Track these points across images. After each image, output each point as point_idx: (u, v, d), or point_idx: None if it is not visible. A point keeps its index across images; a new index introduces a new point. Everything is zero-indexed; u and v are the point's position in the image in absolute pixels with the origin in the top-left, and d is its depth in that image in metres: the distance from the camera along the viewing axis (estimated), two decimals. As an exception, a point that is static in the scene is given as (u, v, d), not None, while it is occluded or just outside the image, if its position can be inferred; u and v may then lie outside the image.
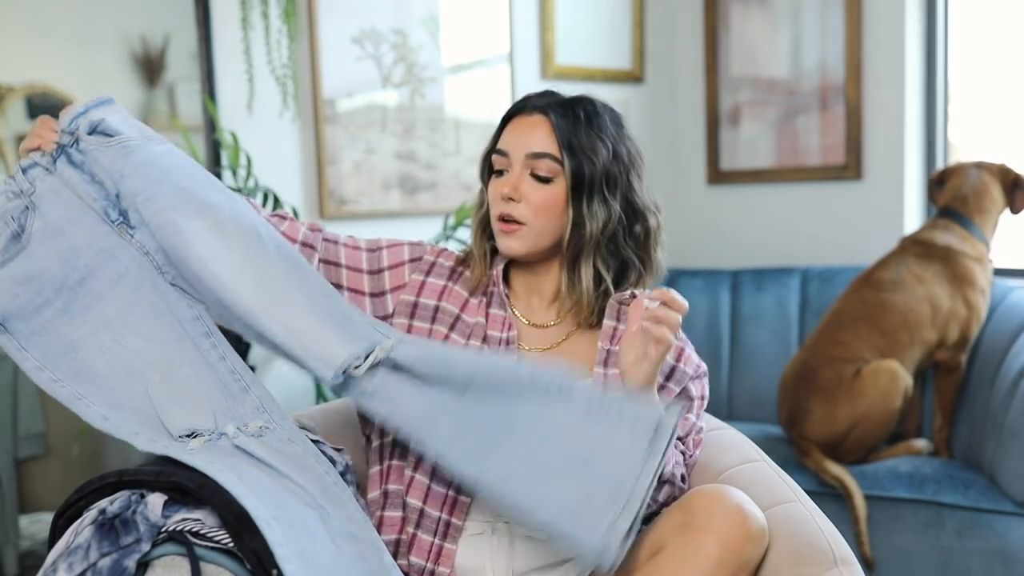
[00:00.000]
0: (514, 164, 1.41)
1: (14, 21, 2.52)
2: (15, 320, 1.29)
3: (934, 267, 2.52)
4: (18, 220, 1.32)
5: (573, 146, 1.38)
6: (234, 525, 1.11)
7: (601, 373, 1.42)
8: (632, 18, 3.36)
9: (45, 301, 1.30)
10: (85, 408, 1.25)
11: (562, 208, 1.39)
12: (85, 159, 1.35)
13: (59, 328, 1.30)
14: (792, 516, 1.30)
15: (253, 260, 1.34)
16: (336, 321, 1.34)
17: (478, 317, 1.45)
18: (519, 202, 1.39)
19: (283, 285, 1.35)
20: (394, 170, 2.88)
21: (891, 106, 3.00)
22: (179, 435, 1.24)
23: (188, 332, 1.34)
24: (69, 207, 1.34)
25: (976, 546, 2.25)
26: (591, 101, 1.44)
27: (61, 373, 1.28)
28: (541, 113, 1.41)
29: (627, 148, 1.43)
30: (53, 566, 1.08)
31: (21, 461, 2.63)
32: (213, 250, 1.32)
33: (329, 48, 2.71)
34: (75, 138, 1.36)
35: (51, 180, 1.34)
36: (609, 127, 1.41)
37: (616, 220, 1.40)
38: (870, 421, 2.43)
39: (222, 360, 1.34)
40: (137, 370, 1.29)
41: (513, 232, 1.41)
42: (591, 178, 1.38)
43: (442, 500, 1.37)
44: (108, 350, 1.30)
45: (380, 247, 1.50)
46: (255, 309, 1.32)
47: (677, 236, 3.42)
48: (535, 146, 1.39)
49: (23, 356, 1.28)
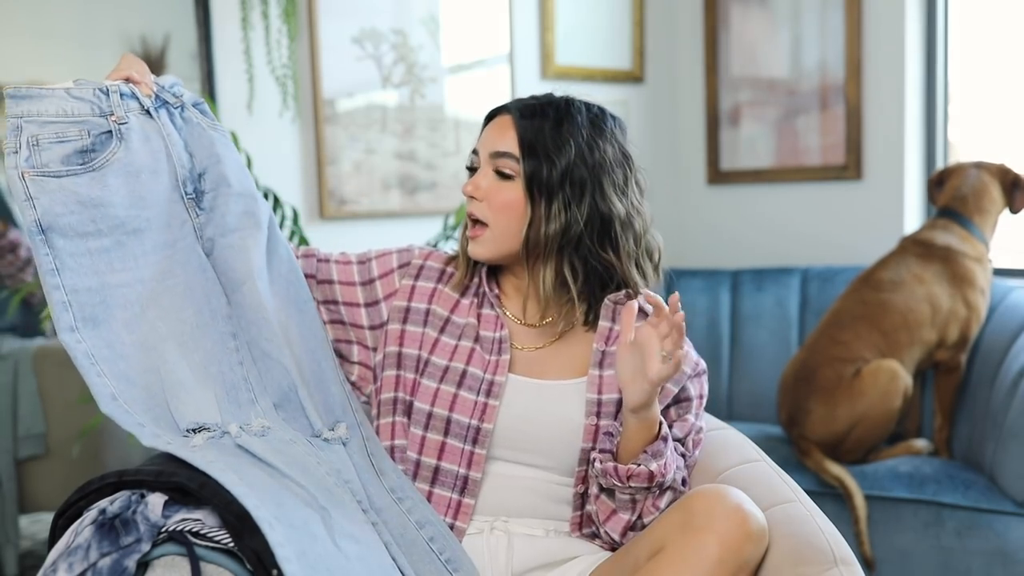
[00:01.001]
0: (482, 163, 1.42)
1: (14, 21, 2.52)
2: (59, 236, 1.23)
3: (934, 267, 2.52)
4: (95, 138, 1.26)
5: (534, 147, 1.37)
6: (234, 525, 1.11)
7: (596, 375, 1.42)
8: (632, 18, 3.36)
9: (97, 231, 1.25)
10: (96, 377, 1.21)
11: (521, 209, 1.39)
12: (186, 127, 1.34)
13: (98, 264, 1.25)
14: (792, 516, 1.30)
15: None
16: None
17: (469, 318, 1.46)
18: (481, 201, 1.40)
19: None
20: (394, 170, 2.88)
21: (891, 106, 3.00)
22: (185, 428, 1.23)
23: (216, 325, 1.32)
24: (155, 157, 1.31)
25: (976, 546, 2.25)
26: (569, 102, 1.41)
27: (81, 315, 1.22)
28: (509, 113, 1.42)
29: (603, 151, 1.39)
30: (53, 566, 1.08)
31: (21, 461, 2.63)
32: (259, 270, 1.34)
33: (329, 48, 2.72)
34: (181, 103, 1.35)
35: (147, 123, 1.31)
36: (582, 129, 1.38)
37: (581, 224, 1.36)
38: (870, 421, 2.43)
39: (240, 365, 1.32)
40: (153, 343, 1.27)
41: (476, 237, 1.42)
42: (549, 180, 1.36)
43: (458, 456, 1.39)
44: (131, 309, 1.27)
45: (369, 258, 1.51)
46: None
47: (677, 236, 3.43)
48: (498, 145, 1.40)
49: (52, 277, 1.21)
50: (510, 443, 1.40)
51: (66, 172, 1.24)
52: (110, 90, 1.30)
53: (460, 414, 1.39)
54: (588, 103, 1.44)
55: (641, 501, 1.35)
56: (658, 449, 1.32)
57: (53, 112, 1.25)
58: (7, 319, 2.76)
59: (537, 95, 1.46)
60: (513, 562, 1.38)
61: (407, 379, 1.44)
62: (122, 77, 1.32)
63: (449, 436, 1.40)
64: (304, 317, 1.42)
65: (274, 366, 1.33)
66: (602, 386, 1.41)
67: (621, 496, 1.35)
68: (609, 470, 1.33)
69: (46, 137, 1.24)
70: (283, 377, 1.33)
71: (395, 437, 1.44)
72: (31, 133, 1.24)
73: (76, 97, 1.27)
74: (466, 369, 1.41)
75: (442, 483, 1.40)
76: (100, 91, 1.29)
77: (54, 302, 1.22)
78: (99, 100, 1.28)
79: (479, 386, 1.40)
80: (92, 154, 1.26)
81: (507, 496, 1.41)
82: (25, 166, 1.22)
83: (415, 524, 1.32)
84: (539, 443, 1.40)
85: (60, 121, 1.25)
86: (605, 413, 1.40)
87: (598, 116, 1.42)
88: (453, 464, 1.40)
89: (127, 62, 1.35)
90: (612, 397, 1.41)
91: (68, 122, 1.26)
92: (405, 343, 1.45)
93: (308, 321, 1.42)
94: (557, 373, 1.43)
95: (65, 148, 1.25)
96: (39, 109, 1.25)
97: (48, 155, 1.24)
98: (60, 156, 1.24)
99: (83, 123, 1.27)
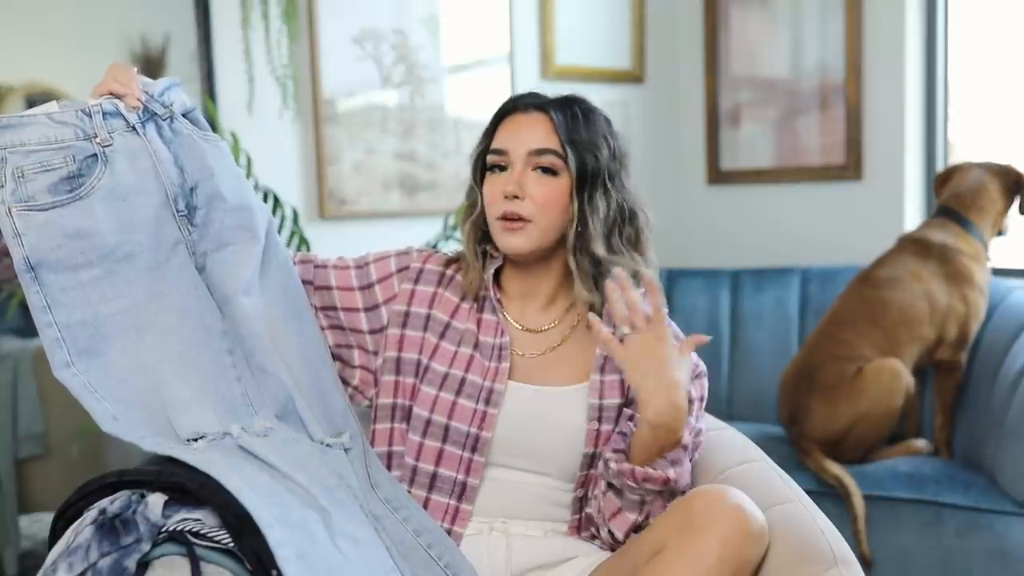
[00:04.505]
0: (515, 162, 1.39)
1: (14, 21, 2.52)
2: (49, 271, 1.20)
3: (931, 265, 2.52)
4: (80, 163, 1.23)
5: (575, 141, 1.38)
6: (234, 525, 1.11)
7: (598, 380, 1.41)
8: (632, 18, 3.36)
9: (87, 262, 1.22)
10: (96, 403, 1.20)
11: (566, 203, 1.39)
12: (175, 140, 1.31)
13: (90, 295, 1.23)
14: (792, 516, 1.30)
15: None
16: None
17: (468, 323, 1.45)
18: (523, 199, 1.38)
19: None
20: (394, 170, 2.88)
21: (891, 106, 3.00)
22: (186, 438, 1.22)
23: (212, 342, 1.30)
24: (142, 177, 1.27)
25: (976, 546, 2.25)
26: (583, 100, 1.44)
27: (76, 349, 1.20)
28: (539, 111, 1.41)
29: (619, 146, 1.43)
30: (53, 566, 1.08)
31: (21, 461, 2.63)
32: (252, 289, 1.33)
33: (329, 48, 2.71)
34: (170, 113, 1.31)
35: (133, 141, 1.27)
36: (603, 125, 1.42)
37: (615, 214, 1.40)
38: (871, 419, 2.43)
39: (237, 381, 1.31)
40: (150, 366, 1.25)
41: (518, 229, 1.38)
42: (594, 172, 1.38)
43: (456, 463, 1.39)
44: (127, 336, 1.25)
45: (367, 262, 1.49)
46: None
47: (677, 236, 3.43)
48: (537, 142, 1.39)
49: (44, 315, 1.19)
50: (509, 450, 1.40)
51: (51, 204, 1.21)
52: (92, 111, 1.26)
53: (459, 422, 1.39)
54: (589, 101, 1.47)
55: (650, 503, 1.35)
56: (677, 456, 1.32)
57: (36, 140, 1.22)
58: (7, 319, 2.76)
59: (536, 92, 1.46)
60: (512, 563, 1.38)
61: (406, 384, 1.43)
62: (106, 92, 1.29)
63: (447, 443, 1.39)
64: (303, 326, 1.41)
65: (271, 380, 1.32)
66: (604, 390, 1.41)
67: (631, 496, 1.35)
68: (625, 471, 1.31)
69: (30, 167, 1.21)
70: (280, 390, 1.32)
71: (393, 443, 1.44)
72: (15, 165, 1.21)
73: (58, 122, 1.24)
74: (465, 376, 1.40)
75: (439, 489, 1.40)
76: (83, 112, 1.25)
77: (47, 339, 1.20)
78: (82, 122, 1.25)
79: (478, 394, 1.39)
80: (80, 179, 1.23)
81: (505, 500, 1.41)
82: (11, 200, 1.20)
83: (412, 532, 1.32)
84: (539, 449, 1.40)
85: (44, 149, 1.22)
86: (607, 417, 1.40)
87: (604, 113, 1.45)
88: (451, 471, 1.39)
89: (111, 72, 1.31)
90: (614, 402, 1.40)
91: (52, 149, 1.22)
92: (404, 348, 1.44)
93: (307, 331, 1.41)
94: (558, 379, 1.43)
95: (50, 177, 1.22)
96: (22, 138, 1.22)
97: (33, 186, 1.21)
98: (46, 186, 1.21)
99: (67, 148, 1.23)
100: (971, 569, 2.26)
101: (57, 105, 1.26)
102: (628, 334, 1.30)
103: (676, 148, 3.51)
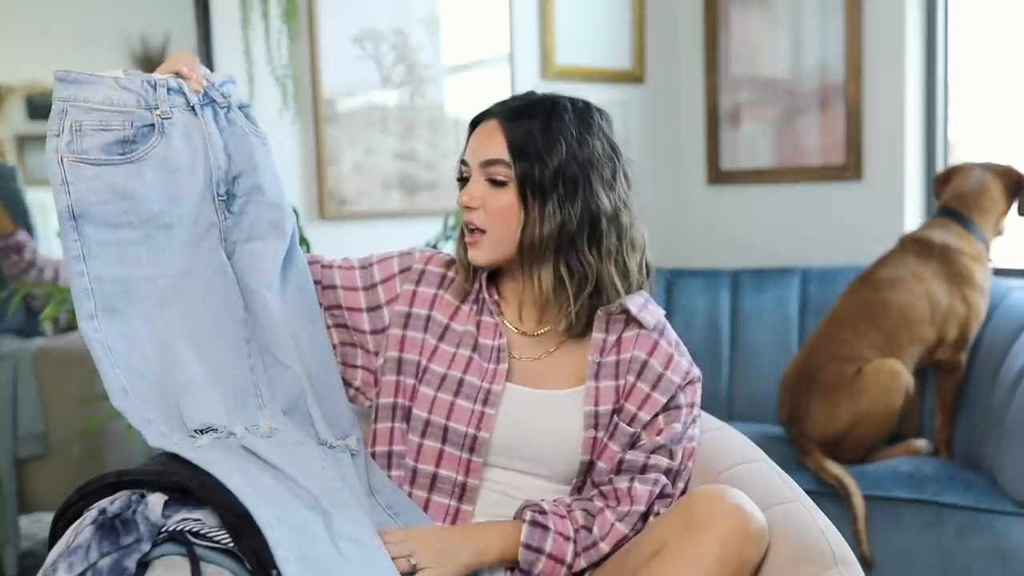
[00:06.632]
0: (473, 173, 1.40)
1: (14, 21, 2.52)
2: (89, 223, 1.22)
3: (932, 265, 2.52)
4: (137, 129, 1.26)
5: (524, 149, 1.35)
6: (234, 525, 1.11)
7: (593, 387, 1.41)
8: (632, 18, 3.36)
9: (127, 223, 1.24)
10: (110, 369, 1.20)
11: (516, 213, 1.37)
12: (228, 128, 1.34)
13: (125, 255, 1.25)
14: (792, 516, 1.30)
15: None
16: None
17: (468, 325, 1.45)
18: (477, 209, 1.39)
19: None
20: (394, 170, 2.88)
21: (891, 106, 3.00)
22: (192, 429, 1.22)
23: (233, 328, 1.32)
24: (193, 155, 1.30)
25: (976, 546, 2.25)
26: (554, 101, 1.40)
27: (103, 304, 1.22)
28: (495, 118, 1.40)
29: (592, 147, 1.37)
30: (53, 566, 1.08)
31: (21, 461, 2.63)
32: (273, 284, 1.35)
33: (329, 48, 2.72)
34: (228, 103, 1.34)
35: (190, 120, 1.30)
36: (570, 127, 1.37)
37: (576, 223, 1.35)
38: (871, 419, 2.43)
39: (251, 371, 1.32)
40: (167, 340, 1.26)
41: (475, 243, 1.40)
42: (541, 181, 1.35)
43: (456, 463, 1.39)
44: (150, 304, 1.26)
45: (371, 263, 1.50)
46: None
47: (677, 236, 3.43)
48: (486, 153, 1.38)
49: (78, 264, 1.21)
50: (507, 451, 1.40)
51: (104, 161, 1.24)
52: (158, 84, 1.29)
53: (457, 422, 1.39)
54: (572, 99, 1.42)
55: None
56: (529, 558, 1.33)
57: (99, 100, 1.25)
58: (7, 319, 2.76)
59: (519, 95, 1.45)
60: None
61: (407, 385, 1.43)
62: (172, 71, 1.32)
63: (447, 444, 1.39)
64: (316, 330, 1.42)
65: (285, 373, 1.33)
66: (599, 398, 1.41)
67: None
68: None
69: (89, 124, 1.24)
70: (293, 385, 1.33)
71: (393, 443, 1.44)
72: (75, 118, 1.23)
73: (124, 87, 1.27)
74: (463, 377, 1.41)
75: (440, 490, 1.40)
76: (148, 84, 1.28)
77: (77, 289, 1.22)
78: (146, 92, 1.28)
79: (476, 394, 1.39)
80: (132, 145, 1.26)
81: (505, 502, 1.41)
82: (65, 150, 1.22)
83: None
84: (536, 451, 1.40)
85: (105, 109, 1.25)
86: (602, 424, 1.40)
87: (584, 111, 1.40)
88: (451, 471, 1.39)
89: (178, 56, 1.34)
90: (608, 408, 1.40)
91: (113, 111, 1.25)
92: (405, 348, 1.44)
93: (319, 334, 1.42)
94: (554, 383, 1.43)
95: (106, 136, 1.24)
96: (86, 95, 1.24)
97: (89, 142, 1.23)
98: (101, 144, 1.24)
99: (128, 114, 1.26)
100: (971, 569, 2.26)
101: (123, 72, 1.28)
102: None
103: (676, 148, 3.51)
